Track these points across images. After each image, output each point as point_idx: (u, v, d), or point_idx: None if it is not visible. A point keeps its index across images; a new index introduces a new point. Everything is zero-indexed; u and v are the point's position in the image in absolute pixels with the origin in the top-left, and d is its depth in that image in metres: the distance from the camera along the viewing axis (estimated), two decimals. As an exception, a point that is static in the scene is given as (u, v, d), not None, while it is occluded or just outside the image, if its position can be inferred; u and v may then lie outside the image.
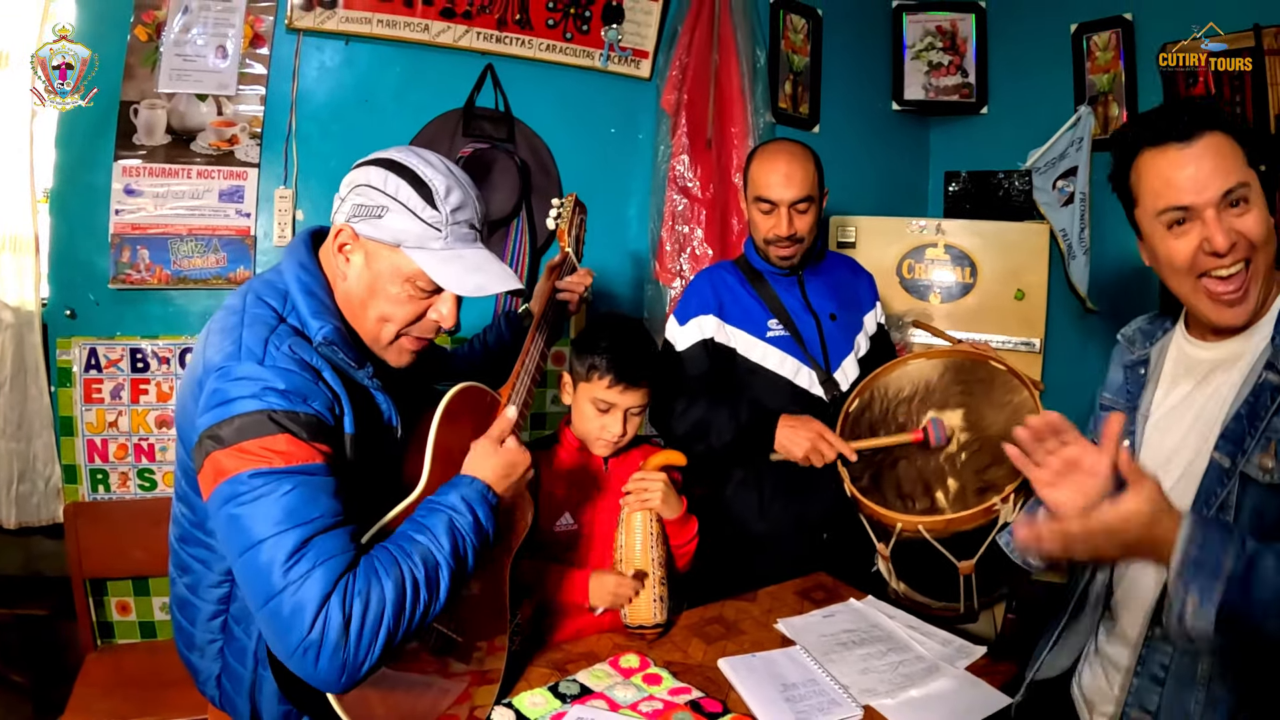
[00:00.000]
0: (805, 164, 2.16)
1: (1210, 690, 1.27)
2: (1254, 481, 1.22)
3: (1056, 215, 3.52)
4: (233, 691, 1.37)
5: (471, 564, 1.27)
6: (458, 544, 1.24)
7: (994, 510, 1.71)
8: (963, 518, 1.73)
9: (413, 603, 1.16)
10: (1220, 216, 1.25)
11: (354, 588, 1.11)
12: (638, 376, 1.83)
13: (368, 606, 1.11)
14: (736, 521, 2.23)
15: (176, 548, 1.39)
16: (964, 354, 2.07)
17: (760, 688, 1.58)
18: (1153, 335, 1.52)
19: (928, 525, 1.76)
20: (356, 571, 1.13)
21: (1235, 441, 1.25)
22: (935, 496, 1.85)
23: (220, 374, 1.20)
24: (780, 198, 2.14)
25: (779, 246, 2.18)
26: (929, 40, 4.01)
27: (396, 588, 1.15)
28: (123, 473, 2.57)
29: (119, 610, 2.61)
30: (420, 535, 1.23)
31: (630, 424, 1.87)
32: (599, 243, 3.15)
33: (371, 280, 1.34)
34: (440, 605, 1.21)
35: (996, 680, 1.64)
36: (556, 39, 3.02)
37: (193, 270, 2.56)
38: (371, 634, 1.11)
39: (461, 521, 1.26)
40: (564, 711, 1.46)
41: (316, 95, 2.73)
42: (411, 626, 1.17)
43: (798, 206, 2.15)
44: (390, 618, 1.13)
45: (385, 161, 1.34)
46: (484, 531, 1.29)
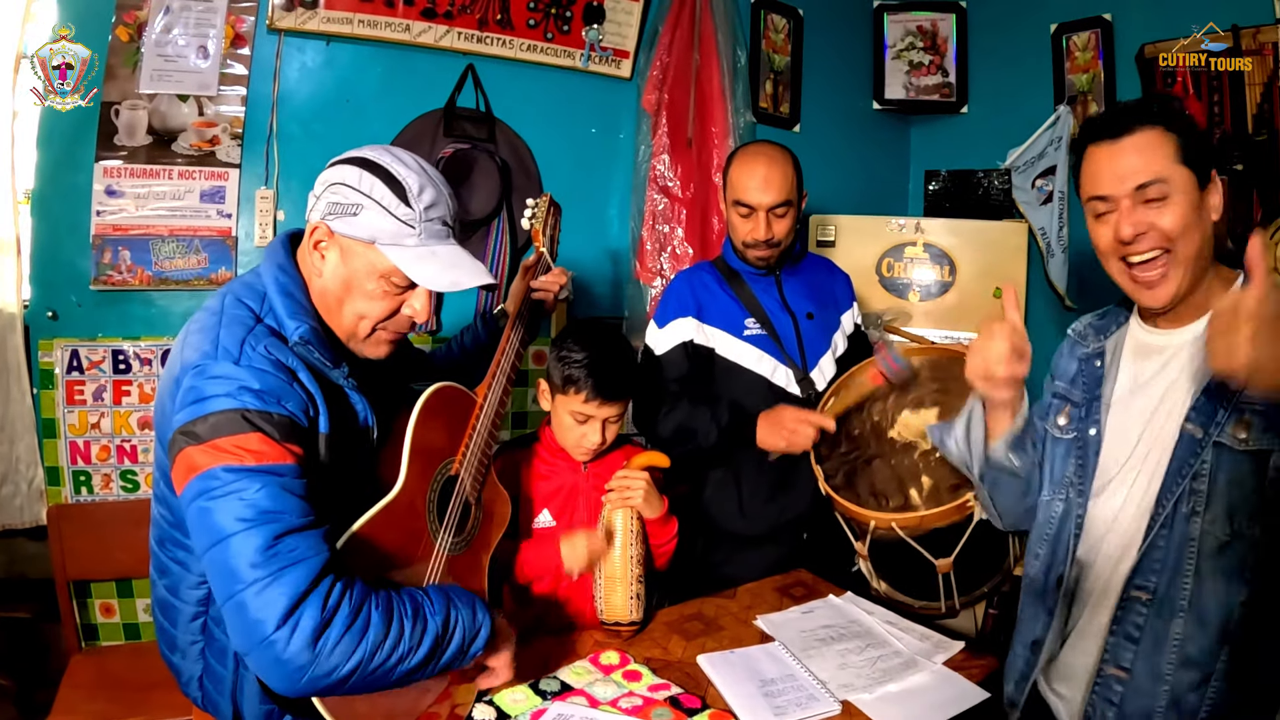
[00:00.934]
0: (784, 168, 2.17)
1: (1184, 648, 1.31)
2: (1228, 449, 1.28)
3: (1035, 214, 3.55)
4: (215, 692, 1.38)
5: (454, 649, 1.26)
6: (450, 621, 1.25)
7: (968, 507, 1.72)
8: (936, 514, 1.75)
9: (392, 646, 1.16)
10: (1134, 208, 1.34)
11: (343, 598, 1.13)
12: (615, 391, 1.83)
13: (351, 624, 1.12)
14: (717, 521, 2.25)
15: (156, 550, 1.40)
16: (941, 351, 2.07)
17: (739, 683, 1.60)
18: (1105, 330, 1.56)
19: (901, 523, 1.78)
20: (353, 588, 1.15)
21: (1207, 414, 1.31)
22: (909, 494, 1.87)
23: (196, 372, 1.21)
24: (758, 202, 2.15)
25: (757, 249, 2.20)
26: (910, 40, 4.03)
27: (384, 622, 1.16)
28: (105, 474, 2.57)
29: (103, 612, 2.60)
30: (418, 595, 1.25)
31: (609, 431, 1.88)
32: (579, 242, 3.16)
33: (347, 277, 1.35)
34: (411, 665, 1.20)
35: (974, 675, 1.66)
36: (537, 39, 3.03)
37: (174, 271, 2.56)
38: (346, 652, 1.12)
39: (462, 614, 1.28)
40: (544, 708, 1.47)
41: (298, 95, 2.72)
42: (381, 669, 1.16)
43: (776, 211, 2.16)
44: (369, 648, 1.13)
45: (359, 160, 1.35)
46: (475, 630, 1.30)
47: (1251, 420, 1.27)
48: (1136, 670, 1.37)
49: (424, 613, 1.23)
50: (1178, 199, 1.32)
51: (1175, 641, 1.33)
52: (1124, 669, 1.38)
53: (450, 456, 1.51)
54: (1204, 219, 1.34)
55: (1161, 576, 1.34)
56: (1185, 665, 1.32)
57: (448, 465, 1.49)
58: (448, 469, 1.49)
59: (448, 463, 1.50)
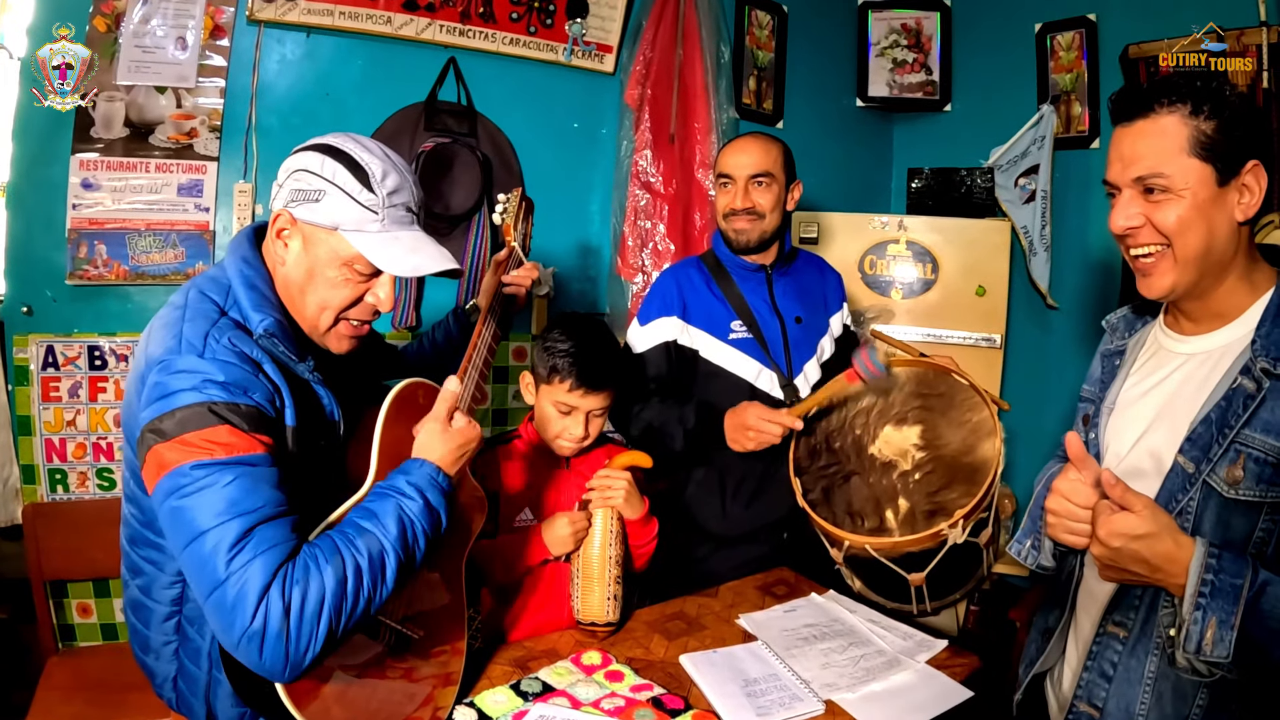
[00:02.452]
0: (768, 145, 2.22)
1: (1157, 688, 1.28)
2: (1216, 493, 1.22)
3: (1018, 212, 3.56)
4: (189, 694, 1.36)
5: (423, 549, 1.27)
6: (406, 530, 1.24)
7: (941, 535, 1.72)
8: (909, 541, 1.75)
9: (355, 590, 1.16)
10: (1134, 198, 1.28)
11: (292, 576, 1.12)
12: (600, 381, 1.83)
13: (306, 595, 1.11)
14: (698, 520, 2.24)
15: (128, 549, 1.38)
16: (927, 365, 2.05)
17: (722, 683, 1.59)
18: (1133, 325, 1.53)
19: (875, 546, 1.77)
20: (296, 560, 1.14)
21: (1202, 448, 1.25)
22: (885, 516, 1.86)
23: (161, 367, 1.20)
24: (736, 167, 2.19)
25: (737, 219, 2.20)
26: (894, 38, 4.04)
27: (337, 576, 1.15)
28: (81, 472, 2.54)
29: (80, 612, 2.57)
30: (366, 522, 1.23)
31: (593, 425, 1.87)
32: (561, 237, 3.16)
33: (310, 264, 1.34)
34: (387, 593, 1.21)
35: (958, 673, 1.66)
36: (520, 33, 3.01)
37: (151, 266, 2.53)
38: (312, 623, 1.12)
39: (411, 507, 1.26)
40: (526, 709, 1.46)
41: (277, 88, 2.70)
42: (355, 614, 1.17)
43: (756, 179, 2.18)
44: (330, 606, 1.13)
45: (321, 146, 1.34)
46: (435, 515, 1.29)
47: (1247, 465, 1.20)
48: (1109, 709, 1.34)
49: (378, 540, 1.21)
50: (1179, 196, 1.23)
51: (1149, 680, 1.30)
52: (1096, 707, 1.36)
53: None
54: (1219, 217, 1.24)
55: (1139, 613, 1.32)
56: (1159, 705, 1.28)
57: None
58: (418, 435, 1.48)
59: None
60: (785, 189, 2.24)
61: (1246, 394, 1.22)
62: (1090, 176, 3.49)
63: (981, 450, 1.81)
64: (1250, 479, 1.19)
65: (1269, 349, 1.21)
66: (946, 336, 3.33)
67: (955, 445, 1.88)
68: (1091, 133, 3.47)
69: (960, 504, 1.73)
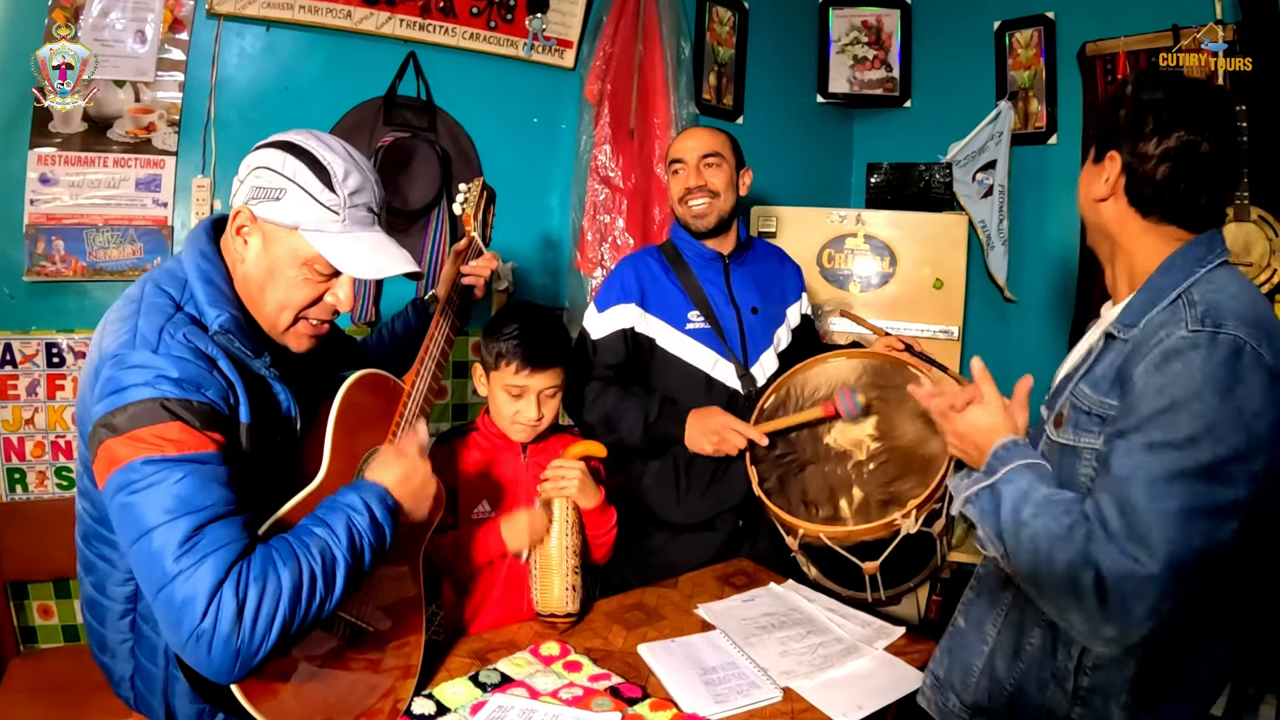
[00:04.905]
0: (714, 131, 2.32)
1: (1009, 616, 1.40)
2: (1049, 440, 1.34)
3: (976, 207, 3.61)
4: (146, 692, 1.36)
5: (369, 562, 1.27)
6: (355, 541, 1.24)
7: (894, 525, 1.75)
8: (863, 530, 1.78)
9: (309, 594, 1.17)
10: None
11: (249, 575, 1.12)
12: (545, 358, 1.84)
13: (263, 595, 1.11)
14: (655, 510, 2.26)
15: (82, 546, 1.37)
16: (883, 357, 2.08)
17: (680, 671, 1.61)
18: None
19: (829, 534, 1.81)
20: (253, 559, 1.14)
21: (1055, 395, 1.38)
22: (839, 505, 1.89)
23: (114, 362, 1.19)
24: (686, 152, 2.25)
25: (693, 198, 2.24)
26: (854, 35, 4.08)
27: (293, 578, 1.15)
28: (40, 471, 2.50)
29: (41, 614, 2.53)
30: (319, 529, 1.23)
31: (546, 407, 1.88)
32: (520, 232, 3.16)
33: (269, 263, 1.33)
34: (336, 600, 1.21)
35: (915, 659, 1.69)
36: (480, 27, 3.00)
37: (109, 262, 2.51)
38: (266, 623, 1.11)
39: (360, 520, 1.26)
40: (484, 700, 1.48)
41: (237, 82, 2.67)
42: (307, 619, 1.17)
43: (706, 160, 2.24)
44: (286, 607, 1.13)
45: (283, 144, 1.33)
46: (381, 531, 1.29)
47: (1071, 413, 1.31)
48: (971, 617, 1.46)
49: (330, 549, 1.21)
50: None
51: (1003, 606, 1.40)
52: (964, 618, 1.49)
53: (378, 444, 1.50)
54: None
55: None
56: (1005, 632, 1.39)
57: (375, 453, 1.48)
58: (374, 456, 1.48)
59: (374, 450, 1.48)
60: (736, 172, 2.28)
61: (1093, 351, 1.32)
62: (1048, 172, 3.55)
63: (935, 442, 1.85)
64: (1069, 425, 1.30)
65: (1124, 315, 1.28)
66: (904, 329, 3.36)
67: (910, 437, 1.92)
68: (1049, 129, 3.53)
69: (914, 494, 1.77)
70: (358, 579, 1.26)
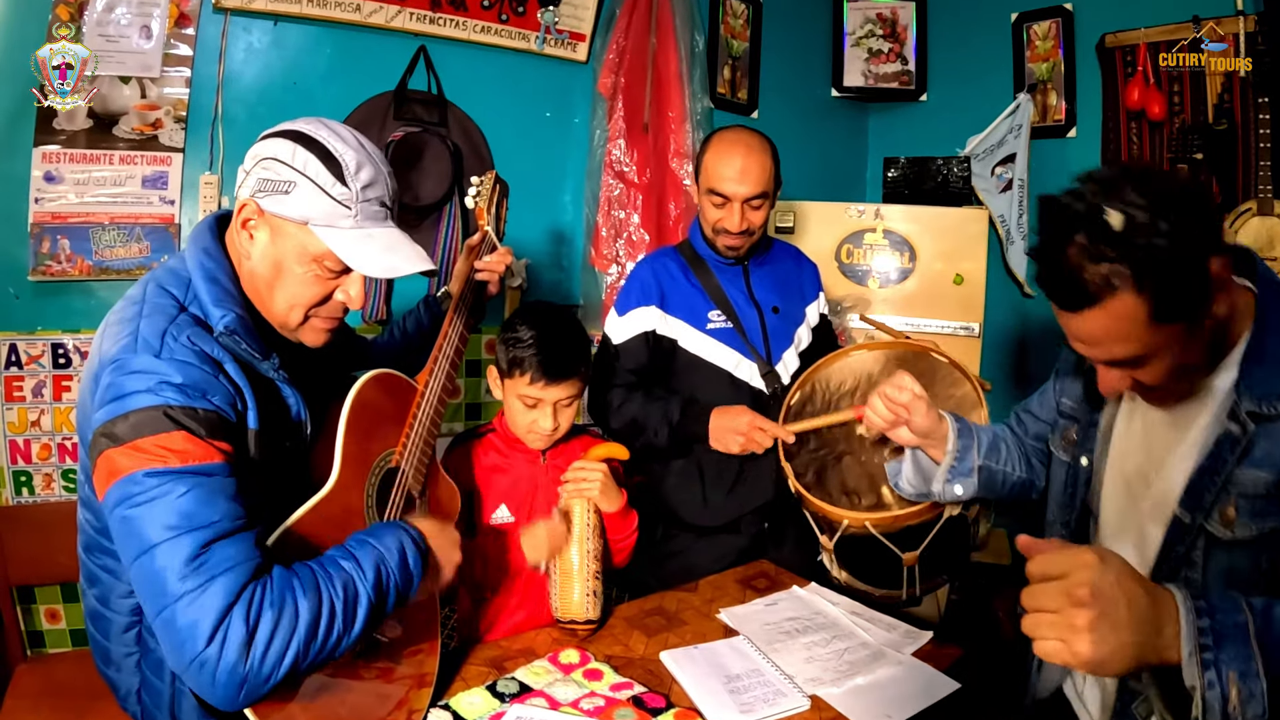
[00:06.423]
0: (762, 158, 2.11)
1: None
2: (1215, 539, 1.18)
3: (995, 201, 3.57)
4: (153, 706, 1.31)
5: (392, 603, 1.22)
6: (381, 580, 1.19)
7: (940, 506, 1.72)
8: (910, 514, 1.74)
9: (327, 629, 1.11)
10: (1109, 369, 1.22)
11: (263, 600, 1.06)
12: (562, 370, 1.78)
13: (278, 623, 1.06)
14: (678, 511, 2.22)
15: (84, 558, 1.32)
16: (905, 345, 2.05)
17: (704, 680, 1.56)
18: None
19: (875, 522, 1.76)
20: (270, 583, 1.08)
21: (1196, 496, 1.20)
22: (881, 492, 1.85)
23: (115, 367, 1.14)
24: (734, 193, 2.09)
25: (728, 239, 2.15)
26: (869, 27, 4.04)
27: (313, 610, 1.10)
28: (47, 474, 2.47)
29: (48, 618, 2.51)
30: (346, 562, 1.17)
31: (562, 416, 1.83)
32: (533, 228, 3.13)
33: (277, 259, 1.28)
34: (354, 638, 1.16)
35: (942, 664, 1.64)
36: (492, 20, 2.97)
37: (115, 260, 2.47)
38: (278, 654, 1.06)
39: (391, 560, 1.21)
40: (503, 711, 1.43)
41: (244, 78, 2.64)
42: (321, 654, 1.12)
43: (751, 202, 2.11)
44: (301, 640, 1.08)
45: (293, 134, 1.28)
46: (409, 576, 1.24)
47: (1239, 503, 1.14)
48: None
49: (354, 584, 1.16)
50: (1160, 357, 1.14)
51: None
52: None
53: (390, 448, 1.45)
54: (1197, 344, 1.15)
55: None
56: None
57: (387, 457, 1.44)
58: (387, 461, 1.44)
59: (388, 454, 1.44)
60: (775, 197, 2.20)
61: (1233, 438, 1.17)
62: (1067, 165, 3.48)
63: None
64: (1244, 515, 1.15)
65: (1253, 389, 1.16)
66: (925, 325, 3.31)
67: None
68: (1068, 122, 3.49)
69: None
70: (378, 620, 1.21)
